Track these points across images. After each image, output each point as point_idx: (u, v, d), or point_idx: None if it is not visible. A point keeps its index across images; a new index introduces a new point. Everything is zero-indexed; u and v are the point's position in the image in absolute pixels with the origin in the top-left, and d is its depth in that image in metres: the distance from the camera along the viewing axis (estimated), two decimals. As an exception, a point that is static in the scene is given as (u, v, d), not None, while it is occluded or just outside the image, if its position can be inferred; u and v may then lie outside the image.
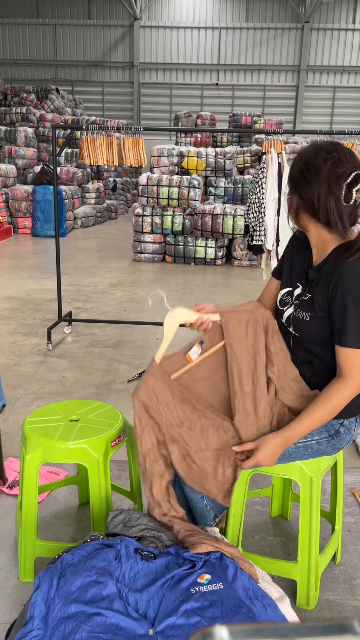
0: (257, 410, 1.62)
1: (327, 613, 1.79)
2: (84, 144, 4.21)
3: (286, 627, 0.51)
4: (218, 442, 1.61)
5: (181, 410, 1.63)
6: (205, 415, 1.63)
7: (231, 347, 1.67)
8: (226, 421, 1.63)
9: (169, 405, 1.63)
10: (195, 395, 1.67)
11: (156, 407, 1.64)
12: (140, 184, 7.78)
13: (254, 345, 1.66)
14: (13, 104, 15.24)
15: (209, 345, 1.71)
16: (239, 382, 1.64)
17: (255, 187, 4.37)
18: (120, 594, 1.40)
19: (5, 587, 1.86)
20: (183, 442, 1.61)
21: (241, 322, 1.69)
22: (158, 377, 1.66)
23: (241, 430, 1.61)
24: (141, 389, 1.65)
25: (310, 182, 1.53)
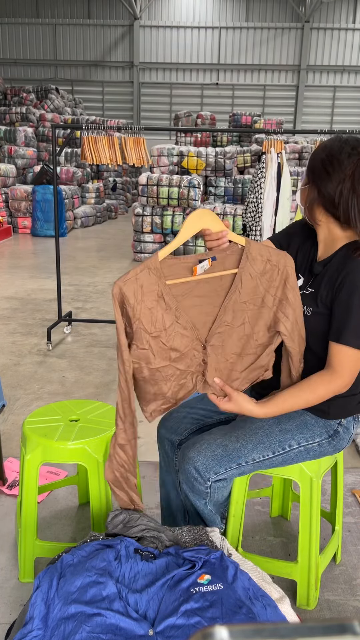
0: (234, 347, 1.55)
1: (327, 613, 1.79)
2: (86, 144, 4.20)
3: (286, 628, 0.50)
4: (183, 363, 1.54)
5: (162, 321, 1.49)
6: (182, 331, 1.51)
7: (241, 279, 1.53)
8: (199, 343, 1.54)
9: (152, 311, 1.48)
10: (182, 308, 1.52)
11: (137, 307, 1.47)
12: (140, 184, 7.78)
13: (264, 287, 1.54)
14: (13, 103, 15.23)
15: (220, 267, 1.53)
16: (232, 316, 1.54)
17: (254, 186, 4.37)
18: (120, 595, 1.39)
19: (5, 587, 1.86)
20: (150, 352, 1.50)
21: (263, 257, 1.54)
22: (152, 275, 1.48)
23: (210, 357, 1.54)
24: (128, 280, 1.47)
25: (332, 176, 1.49)
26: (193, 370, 1.56)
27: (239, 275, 1.52)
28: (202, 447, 1.62)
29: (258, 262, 1.53)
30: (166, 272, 1.50)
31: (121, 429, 1.59)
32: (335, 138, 1.55)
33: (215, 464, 1.60)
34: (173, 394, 1.57)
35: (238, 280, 1.53)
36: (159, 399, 1.57)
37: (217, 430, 1.69)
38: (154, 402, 1.58)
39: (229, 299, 1.53)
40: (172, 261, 1.51)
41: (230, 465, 1.61)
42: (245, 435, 1.63)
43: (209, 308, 1.54)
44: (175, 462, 1.84)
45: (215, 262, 1.52)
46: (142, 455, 2.58)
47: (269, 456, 1.63)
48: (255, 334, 1.56)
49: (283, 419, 1.66)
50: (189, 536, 1.62)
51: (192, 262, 1.51)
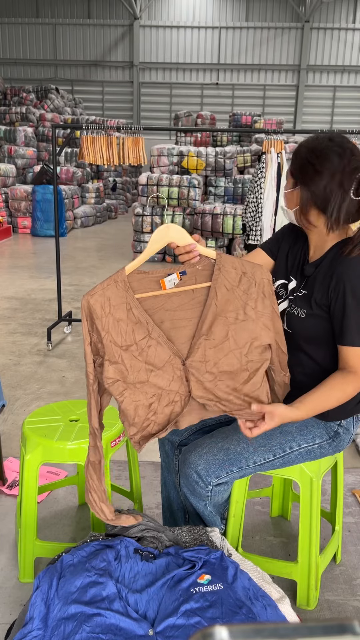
0: (219, 362, 1.46)
1: (327, 613, 1.79)
2: (84, 144, 4.21)
3: (286, 628, 0.50)
4: (163, 380, 1.45)
5: (132, 334, 1.44)
6: (156, 347, 1.45)
7: (215, 291, 1.47)
8: (178, 360, 1.46)
9: (120, 323, 1.44)
10: (153, 322, 1.46)
11: (105, 319, 1.44)
12: (140, 184, 7.78)
13: (242, 299, 1.48)
14: (13, 103, 15.23)
15: (191, 281, 1.49)
16: (208, 328, 1.46)
17: (254, 186, 4.37)
18: (120, 595, 1.39)
19: (5, 587, 1.86)
20: (122, 365, 1.44)
21: (237, 270, 1.49)
22: (120, 288, 1.45)
23: (194, 373, 1.46)
24: (95, 294, 1.45)
25: (322, 173, 1.48)
26: (177, 391, 1.47)
27: (213, 287, 1.48)
28: (204, 451, 1.62)
29: (232, 274, 1.49)
30: (135, 286, 1.47)
31: (91, 447, 1.55)
32: (316, 136, 1.55)
33: (217, 468, 1.60)
34: (159, 418, 1.47)
35: (213, 292, 1.48)
36: (143, 423, 1.47)
37: (217, 433, 1.68)
38: (139, 427, 1.47)
39: (206, 312, 1.47)
40: (140, 275, 1.48)
41: (231, 469, 1.61)
42: (246, 438, 1.63)
43: (183, 322, 1.49)
44: (175, 463, 1.84)
45: (185, 277, 1.48)
46: (142, 455, 2.58)
47: (270, 459, 1.63)
48: (242, 349, 1.48)
49: None
50: (189, 536, 1.62)
51: (161, 276, 1.48)
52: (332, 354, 1.57)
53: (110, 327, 1.44)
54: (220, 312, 1.47)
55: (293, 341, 1.61)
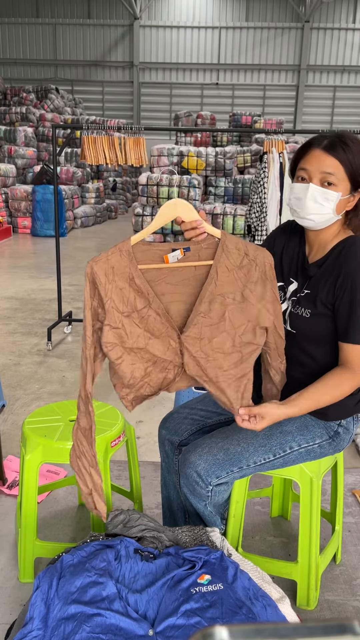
0: (213, 340, 1.50)
1: (327, 613, 1.79)
2: (85, 144, 4.21)
3: (286, 628, 0.50)
4: (158, 349, 1.50)
5: (133, 302, 1.49)
6: (156, 317, 1.49)
7: (216, 270, 1.49)
8: (174, 332, 1.50)
9: (123, 291, 1.48)
10: (154, 293, 1.50)
11: (108, 286, 1.48)
12: (140, 184, 7.78)
13: (242, 281, 1.49)
14: (13, 103, 15.23)
15: (194, 258, 1.50)
16: (207, 306, 1.49)
17: (257, 187, 4.37)
18: (120, 595, 1.39)
19: (5, 587, 1.86)
20: (122, 331, 1.49)
21: (240, 251, 1.50)
22: (124, 257, 1.48)
23: (188, 347, 1.50)
24: (100, 261, 1.48)
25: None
26: (171, 360, 1.52)
27: (214, 266, 1.49)
28: (204, 451, 1.62)
29: (234, 255, 1.50)
30: (139, 257, 1.50)
31: (82, 412, 1.57)
32: (329, 135, 1.54)
33: (217, 468, 1.60)
34: (152, 381, 1.54)
35: (214, 271, 1.49)
36: (137, 385, 1.54)
37: (217, 433, 1.68)
38: (132, 389, 1.54)
39: (205, 290, 1.49)
40: (146, 247, 1.51)
41: (231, 469, 1.61)
42: (246, 438, 1.63)
43: (183, 297, 1.52)
44: (175, 463, 1.84)
45: (189, 254, 1.50)
46: (142, 456, 2.58)
47: (270, 459, 1.63)
48: (237, 330, 1.50)
49: (283, 421, 1.65)
50: (189, 536, 1.62)
51: (165, 251, 1.50)
52: (333, 353, 1.57)
53: (113, 294, 1.48)
54: (219, 292, 1.49)
55: (295, 342, 1.61)
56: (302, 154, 1.56)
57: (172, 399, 3.32)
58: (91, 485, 1.58)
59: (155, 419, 2.66)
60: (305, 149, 1.56)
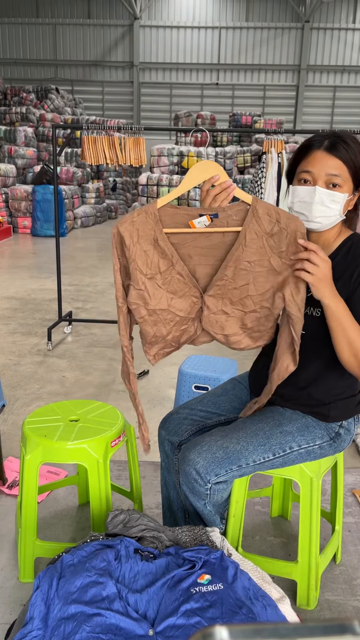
0: (235, 301, 1.51)
1: (327, 613, 1.79)
2: (85, 144, 4.21)
3: (286, 628, 0.50)
4: (181, 308, 1.53)
5: (157, 264, 1.49)
6: (179, 277, 1.51)
7: (245, 236, 1.46)
8: (197, 291, 1.52)
9: (148, 253, 1.49)
10: (178, 256, 1.50)
11: (132, 248, 1.48)
12: (140, 184, 7.78)
13: (271, 248, 1.46)
14: (13, 103, 15.24)
15: (221, 224, 1.48)
16: (232, 271, 1.48)
17: (255, 186, 4.37)
18: (120, 595, 1.39)
19: (5, 587, 1.86)
20: (146, 292, 1.51)
21: (271, 217, 1.45)
22: (149, 220, 1.48)
23: (209, 305, 1.52)
24: (125, 222, 1.48)
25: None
26: (193, 317, 1.56)
27: (243, 232, 1.46)
28: (203, 449, 1.62)
29: (265, 221, 1.46)
30: (166, 221, 1.49)
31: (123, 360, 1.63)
32: (328, 135, 1.53)
33: (216, 466, 1.60)
34: (174, 337, 1.58)
35: (242, 237, 1.46)
36: (159, 342, 1.58)
37: (217, 432, 1.68)
38: (155, 345, 1.60)
39: (232, 255, 1.47)
40: (173, 210, 1.49)
41: (230, 467, 1.61)
42: (246, 437, 1.63)
43: (210, 260, 1.51)
44: (175, 463, 1.84)
45: (217, 220, 1.47)
46: (142, 456, 2.58)
47: (269, 458, 1.63)
48: (260, 296, 1.51)
49: (284, 421, 1.65)
50: (189, 536, 1.61)
51: (193, 215, 1.48)
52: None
53: (137, 256, 1.49)
54: (246, 258, 1.47)
55: (306, 342, 1.58)
56: (303, 156, 1.53)
57: (172, 399, 3.32)
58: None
59: (155, 418, 2.66)
60: (305, 151, 1.53)
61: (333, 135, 1.51)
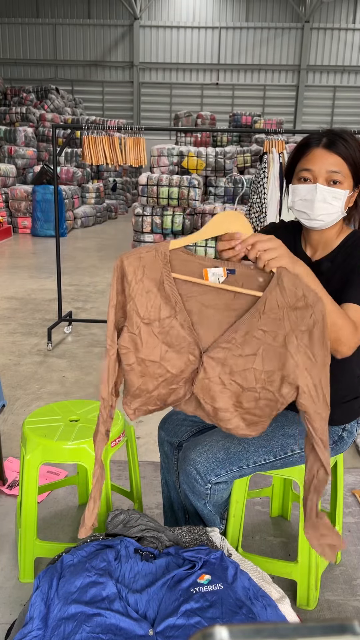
0: (236, 372, 1.33)
1: (327, 613, 1.79)
2: (85, 144, 4.21)
3: (286, 628, 0.50)
4: (175, 364, 1.35)
5: (157, 309, 1.34)
6: (180, 330, 1.34)
7: (265, 303, 1.29)
8: (196, 348, 1.34)
9: (150, 295, 1.34)
10: (182, 304, 1.34)
11: (134, 286, 1.34)
12: (140, 184, 7.78)
13: (289, 325, 1.29)
14: (13, 103, 15.24)
15: (237, 284, 1.32)
16: (242, 337, 1.31)
17: (257, 187, 4.37)
18: (120, 595, 1.39)
19: (5, 587, 1.86)
20: (138, 338, 1.35)
21: (297, 290, 1.29)
22: (158, 260, 1.34)
23: (207, 369, 1.33)
24: (132, 256, 1.35)
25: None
26: (186, 378, 1.37)
27: (264, 297, 1.30)
28: (204, 449, 1.62)
29: (290, 293, 1.29)
30: (176, 266, 1.35)
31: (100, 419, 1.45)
32: (325, 133, 1.53)
33: (217, 466, 1.59)
34: (160, 395, 1.40)
35: (262, 303, 1.30)
36: (143, 396, 1.40)
37: (218, 431, 1.68)
38: (138, 399, 1.41)
39: (245, 319, 1.31)
40: (185, 256, 1.35)
41: (231, 467, 1.61)
42: (247, 438, 1.63)
43: (212, 323, 1.35)
44: (175, 463, 1.84)
45: (232, 277, 1.32)
46: (142, 456, 2.58)
47: (270, 460, 1.63)
48: (265, 373, 1.32)
49: (287, 423, 1.65)
50: (189, 536, 1.62)
51: (207, 265, 1.34)
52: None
53: (137, 296, 1.34)
54: (261, 326, 1.31)
55: None
56: (301, 154, 1.52)
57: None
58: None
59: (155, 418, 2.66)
60: (303, 149, 1.52)
61: (331, 133, 1.50)
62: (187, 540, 1.60)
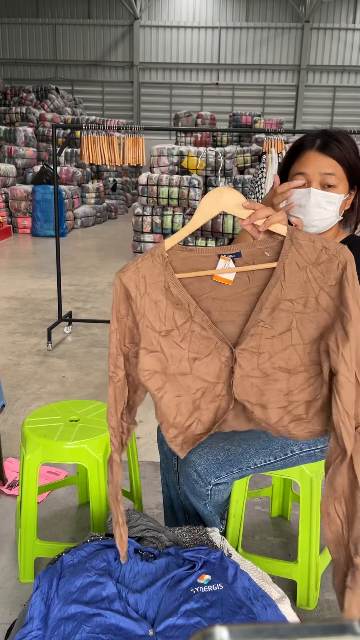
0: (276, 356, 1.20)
1: (327, 613, 1.79)
2: (84, 144, 4.21)
3: (286, 628, 0.50)
4: (208, 371, 1.23)
5: (172, 317, 1.22)
6: (201, 331, 1.22)
7: (283, 268, 1.18)
8: (225, 346, 1.22)
9: (159, 305, 1.22)
10: (195, 303, 1.23)
11: (140, 301, 1.21)
12: (140, 184, 7.77)
13: (318, 282, 1.17)
14: (13, 103, 15.24)
15: (248, 263, 1.21)
16: (269, 314, 1.19)
17: (255, 186, 4.37)
18: (120, 595, 1.39)
19: (5, 587, 1.86)
20: (162, 354, 1.22)
21: (316, 244, 1.17)
22: (157, 264, 1.22)
23: (242, 364, 1.21)
24: (129, 270, 1.22)
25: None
26: (226, 382, 1.24)
27: (280, 263, 1.18)
28: (204, 451, 1.61)
29: (309, 248, 1.17)
30: (177, 267, 1.23)
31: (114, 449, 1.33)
32: (340, 130, 1.51)
33: (217, 468, 1.59)
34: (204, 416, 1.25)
35: (280, 271, 1.18)
36: (185, 422, 1.26)
37: (219, 432, 1.68)
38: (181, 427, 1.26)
39: (267, 293, 1.19)
40: (184, 254, 1.23)
41: (231, 469, 1.60)
42: (247, 439, 1.63)
43: (234, 316, 1.23)
44: (175, 463, 1.84)
45: (240, 260, 1.22)
46: (142, 456, 2.58)
47: (270, 461, 1.63)
48: (307, 345, 1.19)
49: None
50: (189, 536, 1.62)
51: (211, 257, 1.23)
52: None
53: (147, 310, 1.22)
54: (286, 296, 1.18)
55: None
56: (295, 157, 1.49)
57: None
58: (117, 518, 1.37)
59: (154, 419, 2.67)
60: (297, 152, 1.48)
61: (325, 134, 1.46)
62: (187, 540, 1.60)
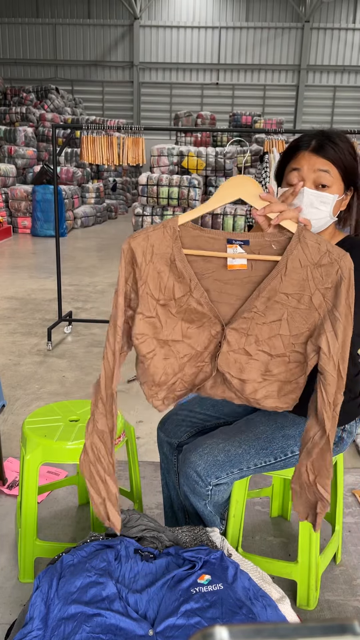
0: (261, 340, 1.30)
1: (327, 614, 1.79)
2: (84, 144, 4.21)
3: (286, 628, 0.50)
4: (198, 341, 1.33)
5: (171, 290, 1.30)
6: (197, 306, 1.30)
7: (286, 263, 1.25)
8: (217, 323, 1.31)
9: (162, 275, 1.29)
10: (197, 279, 1.30)
11: (145, 268, 1.28)
12: (140, 184, 7.77)
13: (315, 283, 1.25)
14: (13, 103, 15.24)
15: (254, 252, 1.28)
16: (264, 303, 1.28)
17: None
18: (120, 595, 1.39)
19: (5, 587, 1.86)
20: (157, 320, 1.31)
21: (321, 246, 1.25)
22: (167, 236, 1.28)
23: (230, 341, 1.31)
24: (139, 237, 1.29)
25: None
26: (212, 353, 1.34)
27: (284, 258, 1.25)
28: (204, 452, 1.61)
29: (313, 249, 1.25)
30: (187, 243, 1.30)
31: (101, 413, 1.37)
32: (338, 130, 1.51)
33: (217, 469, 1.59)
34: (186, 376, 1.36)
35: (282, 265, 1.25)
36: (169, 381, 1.35)
37: (219, 433, 1.68)
38: (164, 386, 1.36)
39: (266, 284, 1.27)
40: (196, 232, 1.30)
41: (231, 470, 1.60)
42: (247, 440, 1.62)
43: (231, 299, 1.31)
44: (174, 464, 1.84)
45: (246, 247, 1.28)
46: (142, 456, 2.58)
47: (270, 462, 1.63)
48: (292, 337, 1.29)
49: (287, 424, 1.65)
50: (189, 536, 1.62)
51: (220, 240, 1.29)
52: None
53: (149, 278, 1.29)
54: (284, 289, 1.27)
55: None
56: (290, 157, 1.48)
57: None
58: (105, 495, 1.39)
59: (155, 419, 2.66)
60: (292, 153, 1.48)
61: (321, 135, 1.45)
62: (187, 540, 1.60)
